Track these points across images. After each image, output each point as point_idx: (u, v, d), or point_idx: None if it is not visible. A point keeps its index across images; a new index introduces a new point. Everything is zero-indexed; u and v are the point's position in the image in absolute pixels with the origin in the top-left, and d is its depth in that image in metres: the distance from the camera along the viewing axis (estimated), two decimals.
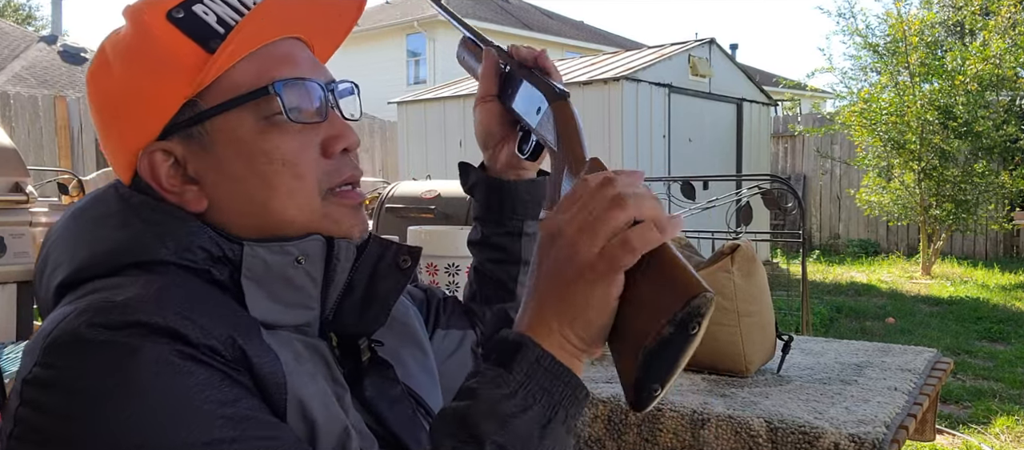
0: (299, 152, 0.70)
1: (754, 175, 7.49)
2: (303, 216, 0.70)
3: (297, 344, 0.69)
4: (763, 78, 15.96)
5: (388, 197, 4.98)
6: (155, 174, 0.69)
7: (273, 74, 0.69)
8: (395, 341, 0.82)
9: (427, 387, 0.83)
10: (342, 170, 0.73)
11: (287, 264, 0.69)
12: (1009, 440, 3.62)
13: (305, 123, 0.70)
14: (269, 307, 0.68)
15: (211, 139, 0.69)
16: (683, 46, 8.79)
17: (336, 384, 0.70)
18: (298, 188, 0.70)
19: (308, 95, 0.71)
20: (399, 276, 0.77)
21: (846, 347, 1.94)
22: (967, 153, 8.54)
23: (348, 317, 0.74)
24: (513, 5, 21.33)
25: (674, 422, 1.44)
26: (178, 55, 0.68)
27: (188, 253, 0.67)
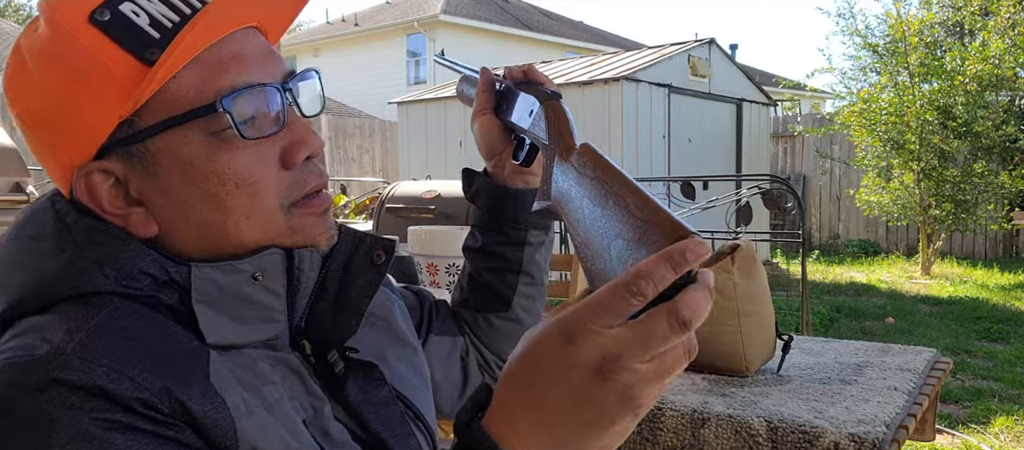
0: (255, 168, 0.62)
1: (754, 175, 7.49)
2: (263, 235, 0.63)
3: (263, 364, 0.63)
4: (763, 78, 15.96)
5: (388, 197, 4.99)
6: (94, 196, 0.62)
7: (219, 83, 0.60)
8: (379, 340, 0.77)
9: (416, 387, 0.78)
10: (306, 180, 0.65)
11: (242, 282, 0.62)
12: (1009, 440, 3.63)
13: (261, 137, 0.62)
14: (227, 328, 0.62)
15: (154, 160, 0.61)
16: (683, 46, 8.80)
17: (312, 397, 0.65)
18: (256, 208, 0.62)
19: (263, 102, 0.62)
20: (373, 274, 0.71)
21: (846, 347, 1.94)
22: (966, 153, 8.54)
23: (322, 322, 0.68)
24: (513, 5, 21.32)
25: (674, 421, 1.44)
26: (107, 68, 0.59)
27: (130, 281, 0.60)
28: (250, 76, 0.62)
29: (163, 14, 0.60)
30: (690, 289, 0.47)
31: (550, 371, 0.47)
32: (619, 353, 0.46)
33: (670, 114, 8.28)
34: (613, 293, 0.46)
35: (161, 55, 0.58)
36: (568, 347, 0.46)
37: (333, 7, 25.48)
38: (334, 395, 0.67)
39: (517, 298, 0.91)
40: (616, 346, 0.46)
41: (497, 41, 18.55)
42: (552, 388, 0.47)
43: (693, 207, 4.96)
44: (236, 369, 0.60)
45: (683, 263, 0.46)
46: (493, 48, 18.00)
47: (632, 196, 0.54)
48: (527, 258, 0.91)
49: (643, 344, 0.46)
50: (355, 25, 19.92)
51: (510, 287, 0.91)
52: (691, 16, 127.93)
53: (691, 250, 0.47)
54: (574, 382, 0.46)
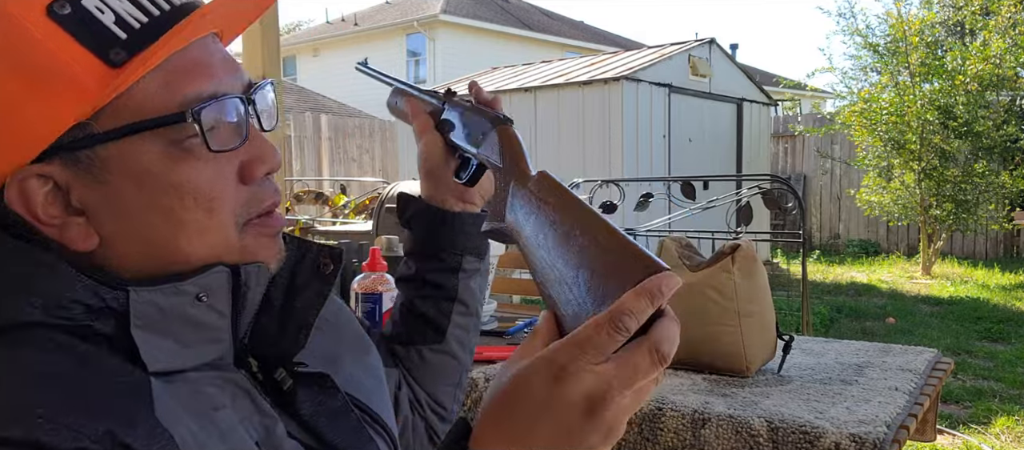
0: (214, 182, 0.59)
1: (754, 175, 7.49)
2: (214, 253, 0.60)
3: (210, 388, 0.59)
4: (763, 78, 15.96)
5: (388, 197, 4.98)
6: (28, 204, 0.56)
7: (185, 90, 0.57)
8: (331, 345, 0.74)
9: (372, 390, 0.75)
10: (262, 197, 0.62)
11: (185, 304, 0.58)
12: (1009, 440, 3.62)
13: (224, 151, 0.59)
14: (170, 353, 0.57)
15: (104, 167, 0.56)
16: (683, 46, 8.79)
17: (263, 416, 0.61)
18: (211, 224, 0.59)
19: (228, 113, 0.59)
20: (319, 285, 0.67)
21: (846, 347, 1.94)
22: (967, 153, 8.54)
23: (267, 337, 0.65)
24: (513, 5, 21.32)
25: (675, 421, 1.44)
26: (66, 66, 0.54)
27: (61, 310, 0.55)
28: (216, 85, 0.59)
29: (129, 13, 0.56)
30: (664, 322, 0.49)
31: (538, 408, 0.48)
32: (607, 389, 0.47)
33: (670, 114, 8.28)
34: (598, 330, 0.47)
35: (128, 57, 0.55)
36: (556, 385, 0.47)
37: (333, 7, 25.52)
38: (286, 410, 0.64)
39: (452, 328, 0.89)
40: (604, 383, 0.47)
41: (497, 41, 18.55)
42: (538, 424, 0.48)
43: (693, 207, 4.96)
44: (182, 397, 0.56)
45: (660, 297, 0.48)
46: (493, 48, 18.00)
47: (600, 227, 0.54)
48: (462, 285, 0.89)
49: (628, 379, 0.47)
50: (355, 25, 19.92)
51: (445, 315, 0.89)
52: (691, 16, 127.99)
53: (666, 284, 0.48)
54: (562, 419, 0.48)
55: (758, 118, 9.61)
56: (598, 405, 0.47)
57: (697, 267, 1.69)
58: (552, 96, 8.39)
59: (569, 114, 8.18)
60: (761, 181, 5.82)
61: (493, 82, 9.50)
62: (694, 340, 1.67)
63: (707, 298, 1.65)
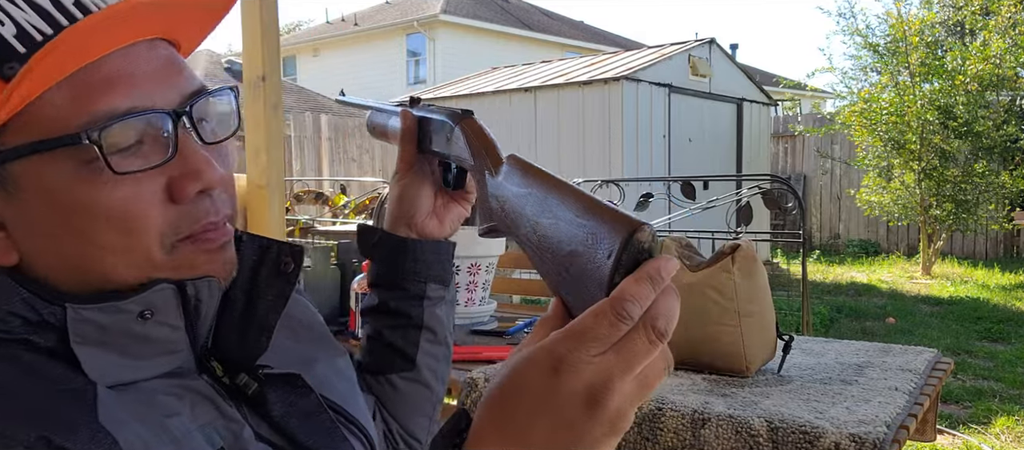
0: (131, 203, 0.55)
1: (754, 175, 7.49)
2: (140, 273, 0.57)
3: (166, 397, 0.57)
4: (763, 78, 15.96)
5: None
6: None
7: (93, 107, 0.53)
8: (303, 347, 0.72)
9: (346, 391, 0.74)
10: (196, 216, 0.58)
11: (129, 321, 0.56)
12: (1009, 440, 3.62)
13: (138, 171, 0.55)
14: (117, 367, 0.55)
15: (16, 185, 0.54)
16: (683, 46, 8.80)
17: (229, 421, 0.59)
18: (130, 245, 0.56)
19: (151, 132, 0.55)
20: (281, 284, 0.66)
21: (846, 347, 1.94)
22: (967, 153, 8.54)
23: (228, 342, 0.63)
24: (513, 5, 21.33)
25: (675, 421, 1.44)
26: None
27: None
28: (134, 99, 0.55)
29: (33, 25, 0.52)
30: (661, 296, 0.46)
31: (537, 401, 0.46)
32: (608, 379, 0.45)
33: (670, 114, 8.27)
34: (599, 320, 0.45)
35: (21, 70, 0.51)
36: (555, 379, 0.45)
37: (333, 7, 25.52)
38: (257, 411, 0.63)
39: (421, 356, 0.88)
40: (605, 373, 0.45)
41: (497, 41, 18.56)
42: (537, 418, 0.46)
43: (693, 207, 4.96)
44: (132, 404, 0.54)
45: (660, 281, 0.45)
46: (493, 48, 18.01)
47: (572, 198, 0.51)
48: (427, 313, 0.87)
49: (628, 366, 0.45)
50: (355, 25, 19.93)
51: (412, 344, 0.87)
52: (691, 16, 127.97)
53: (665, 267, 0.46)
54: (563, 412, 0.45)
55: (758, 118, 9.61)
56: (600, 396, 0.45)
57: (697, 267, 1.69)
58: (552, 96, 8.39)
59: (569, 114, 8.18)
60: (761, 181, 5.82)
61: (493, 82, 9.51)
62: (694, 340, 1.67)
63: (707, 298, 1.65)
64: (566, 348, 0.45)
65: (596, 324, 0.45)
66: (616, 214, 0.48)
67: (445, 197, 0.86)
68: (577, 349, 0.45)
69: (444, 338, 0.90)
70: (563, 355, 0.45)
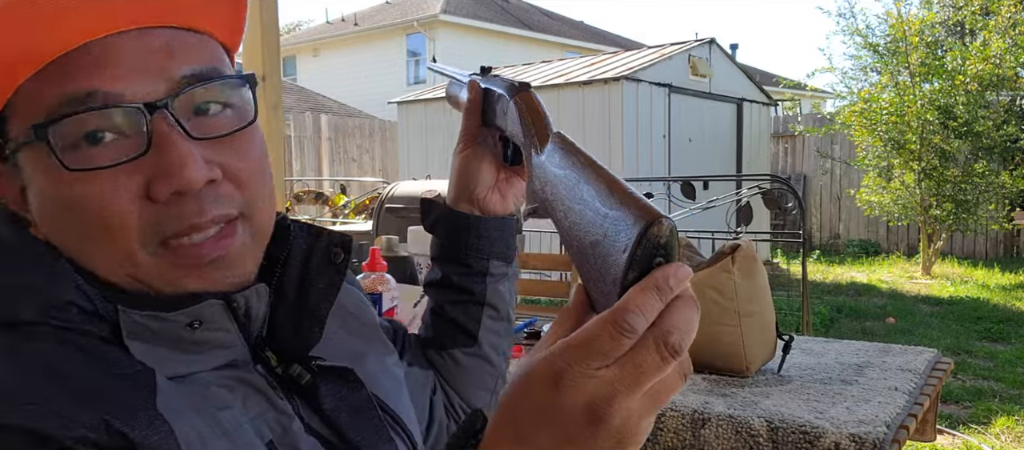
0: (107, 199, 0.53)
1: (754, 175, 7.49)
2: (127, 273, 0.56)
3: (219, 389, 0.57)
4: (763, 78, 15.96)
5: (388, 197, 4.99)
6: (4, 193, 0.57)
7: (49, 99, 0.52)
8: (355, 340, 0.72)
9: (393, 391, 0.73)
10: (178, 217, 0.55)
11: (178, 328, 0.56)
12: (1009, 440, 3.62)
13: (100, 168, 0.53)
14: (170, 361, 0.55)
15: (24, 172, 0.56)
16: (683, 46, 8.79)
17: (280, 414, 0.60)
18: (110, 241, 0.54)
19: (125, 123, 0.53)
20: (332, 274, 0.65)
21: (846, 347, 1.94)
22: (967, 153, 8.54)
23: (283, 332, 0.63)
24: (513, 5, 21.33)
25: (675, 421, 1.44)
26: None
27: (56, 312, 0.53)
28: (106, 88, 0.53)
29: None
30: (672, 308, 0.42)
31: (539, 413, 0.43)
32: (611, 395, 0.42)
33: (670, 114, 8.27)
34: (601, 332, 0.42)
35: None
36: (555, 392, 0.42)
37: (333, 7, 25.48)
38: (309, 403, 0.63)
39: (483, 332, 0.87)
40: (608, 388, 0.42)
41: (497, 41, 18.56)
42: (541, 429, 0.43)
43: (693, 207, 4.96)
44: (188, 394, 0.55)
45: (668, 292, 0.42)
46: (493, 48, 18.00)
47: (602, 183, 0.48)
48: (490, 290, 0.86)
49: (635, 382, 0.42)
50: (355, 25, 19.92)
51: (475, 320, 0.86)
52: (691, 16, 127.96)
53: (674, 276, 0.42)
54: (565, 427, 0.43)
55: (758, 118, 9.61)
56: (603, 412, 0.42)
57: (697, 267, 1.69)
58: (552, 96, 8.39)
59: (569, 114, 8.18)
60: (761, 181, 5.83)
61: None
62: (694, 340, 1.67)
63: (707, 298, 1.65)
64: (566, 361, 0.42)
65: (599, 336, 0.42)
66: (639, 203, 0.44)
67: (507, 172, 0.84)
68: (578, 362, 0.42)
69: (506, 314, 0.89)
70: (563, 369, 0.42)
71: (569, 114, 8.18)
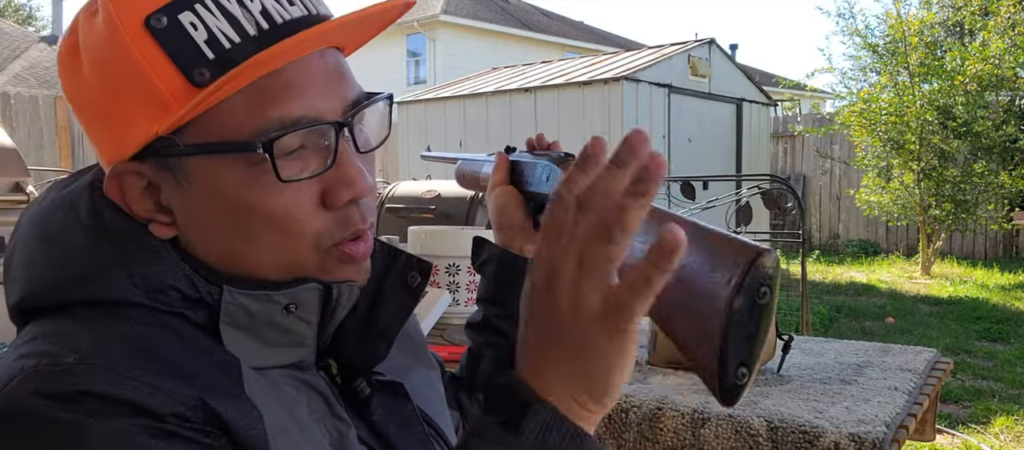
0: (291, 208, 0.58)
1: (754, 175, 7.49)
2: (290, 271, 0.60)
3: (287, 387, 0.61)
4: (763, 78, 15.96)
5: (388, 197, 4.99)
6: (125, 195, 0.59)
7: (268, 112, 0.56)
8: (403, 355, 0.74)
9: (437, 407, 0.75)
10: (347, 223, 0.61)
11: (275, 311, 0.59)
12: (1009, 440, 3.63)
13: (301, 179, 0.58)
14: (253, 351, 0.59)
15: (188, 177, 0.58)
16: (683, 46, 8.80)
17: (338, 420, 0.63)
18: (286, 245, 0.59)
19: (313, 139, 0.58)
20: (405, 297, 0.67)
21: (846, 347, 1.94)
22: (966, 153, 8.55)
23: (348, 342, 0.65)
24: (513, 5, 21.32)
25: (674, 421, 1.44)
26: (152, 82, 0.54)
27: (160, 294, 0.58)
28: (304, 109, 0.57)
29: (223, 31, 0.55)
30: (598, 181, 0.48)
31: (533, 317, 0.50)
32: (551, 266, 0.48)
33: (670, 114, 8.27)
34: (551, 216, 0.49)
35: (211, 79, 0.54)
36: (530, 278, 0.50)
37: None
38: (360, 414, 0.65)
39: None
40: (548, 259, 0.48)
41: (497, 41, 18.55)
42: (541, 331, 0.50)
43: (693, 207, 4.96)
44: (267, 387, 0.58)
45: (595, 165, 0.50)
46: (493, 48, 18.00)
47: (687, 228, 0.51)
48: None
49: (563, 246, 0.47)
50: None
51: None
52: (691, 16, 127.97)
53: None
54: (549, 309, 0.48)
55: (758, 118, 9.61)
56: (549, 279, 0.48)
57: None
58: (552, 96, 8.39)
59: (569, 114, 8.18)
60: (761, 181, 5.83)
61: (493, 82, 9.51)
62: None
63: None
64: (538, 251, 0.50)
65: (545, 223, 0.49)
66: (736, 242, 0.49)
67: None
68: (542, 247, 0.49)
69: None
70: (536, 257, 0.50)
71: (569, 114, 8.18)
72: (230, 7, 0.56)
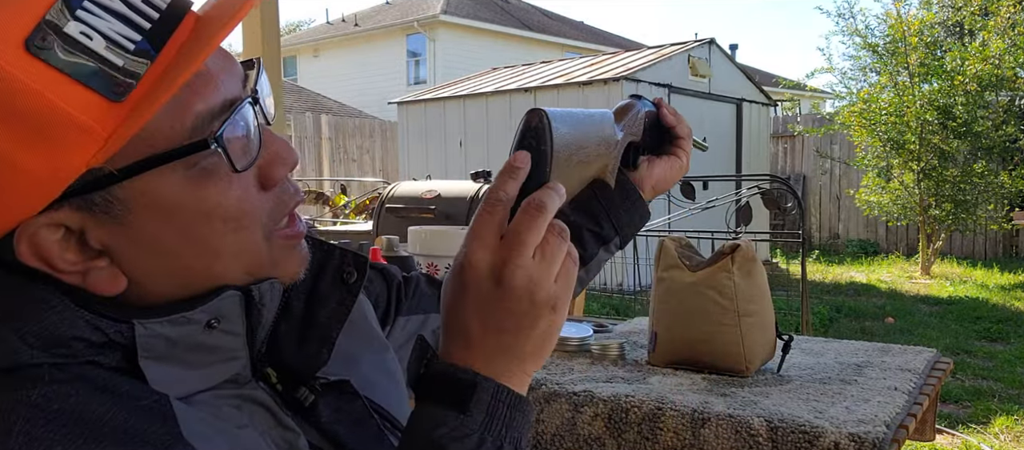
0: (243, 200, 0.54)
1: (754, 175, 7.49)
2: (249, 270, 0.57)
3: (227, 407, 0.56)
4: (763, 78, 15.97)
5: (388, 197, 4.99)
6: (43, 255, 0.51)
7: (195, 106, 0.51)
8: (350, 344, 0.70)
9: (389, 392, 0.72)
10: (285, 200, 0.58)
11: (196, 332, 0.54)
12: (1008, 439, 3.63)
13: (249, 165, 0.54)
14: (180, 379, 0.54)
15: (125, 207, 0.51)
16: (683, 46, 8.80)
17: (285, 430, 0.59)
18: (244, 243, 0.55)
19: (242, 121, 0.53)
20: (343, 294, 0.64)
21: (846, 347, 1.94)
22: (966, 153, 8.55)
23: (285, 347, 0.61)
24: (513, 5, 21.32)
25: (674, 421, 1.44)
26: (62, 111, 0.46)
27: (61, 348, 0.50)
28: (223, 94, 0.53)
29: (120, 33, 0.48)
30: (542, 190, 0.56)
31: (459, 297, 0.54)
32: (504, 258, 0.53)
33: None
34: (477, 219, 0.54)
35: (133, 85, 0.48)
36: (463, 272, 0.54)
37: (333, 7, 25.44)
38: (306, 419, 0.62)
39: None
40: (498, 254, 0.53)
41: (497, 41, 18.56)
42: (472, 322, 0.54)
43: (693, 207, 4.96)
44: (207, 417, 0.53)
45: (516, 172, 0.56)
46: (493, 48, 18.01)
47: None
48: (597, 259, 0.84)
49: (518, 242, 0.53)
50: (355, 25, 19.92)
51: None
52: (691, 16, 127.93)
53: (517, 162, 0.57)
54: (481, 296, 0.53)
55: (757, 118, 9.62)
56: (502, 274, 0.53)
57: (697, 267, 1.70)
58: (552, 96, 8.40)
59: None
60: (760, 181, 5.83)
61: (493, 82, 9.51)
62: (694, 340, 1.67)
63: (707, 298, 1.65)
64: (462, 249, 0.55)
65: (477, 223, 0.54)
66: None
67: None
68: (471, 243, 0.54)
69: (582, 285, 0.90)
70: (461, 256, 0.55)
71: None
72: (111, 3, 0.48)
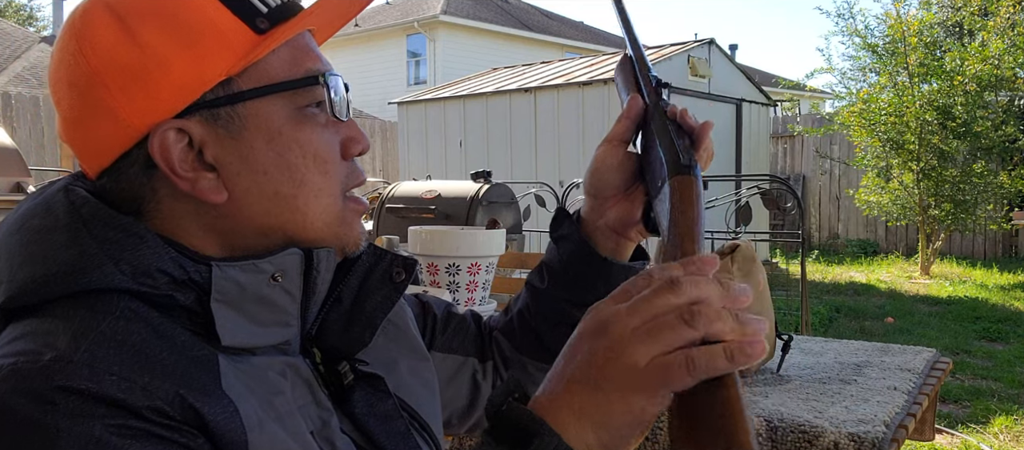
0: (330, 148, 0.65)
1: (753, 175, 7.50)
2: (324, 218, 0.65)
3: (272, 373, 0.62)
4: (762, 78, 15.97)
5: (388, 197, 4.99)
6: (166, 156, 0.60)
7: (307, 64, 0.64)
8: (390, 347, 0.76)
9: (423, 398, 0.76)
10: (356, 173, 0.68)
11: (262, 283, 0.61)
12: (1008, 439, 3.63)
13: (338, 120, 0.65)
14: (243, 330, 0.61)
15: (242, 124, 0.61)
16: (682, 46, 8.80)
17: (320, 408, 0.65)
18: (325, 187, 0.64)
19: (338, 90, 0.66)
20: (390, 290, 0.70)
21: (845, 347, 1.95)
22: (966, 153, 8.55)
23: (332, 332, 0.68)
24: (513, 5, 21.32)
25: None
26: (220, 29, 0.60)
27: (147, 278, 0.58)
28: (322, 68, 0.65)
29: None
30: (693, 281, 0.52)
31: (574, 352, 0.54)
32: (610, 316, 0.52)
33: None
34: (630, 284, 0.54)
35: (270, 27, 0.62)
36: (583, 324, 0.55)
37: None
38: (340, 407, 0.67)
39: None
40: (609, 311, 0.53)
41: (497, 41, 18.55)
42: (579, 364, 0.53)
43: None
44: (247, 378, 0.59)
45: (681, 268, 0.53)
46: (493, 48, 18.00)
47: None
48: None
49: (631, 306, 0.52)
50: (355, 25, 19.91)
51: (559, 343, 0.86)
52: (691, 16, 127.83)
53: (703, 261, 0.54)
54: (595, 349, 0.52)
55: (757, 118, 9.62)
56: (602, 329, 0.52)
57: None
58: (552, 96, 8.40)
59: (569, 114, 8.19)
60: (760, 181, 5.83)
61: (493, 82, 9.51)
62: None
63: None
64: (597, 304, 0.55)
65: (625, 287, 0.54)
66: (739, 423, 0.50)
67: (636, 197, 0.81)
68: (605, 303, 0.54)
69: None
70: (592, 310, 0.55)
71: (569, 114, 8.19)
72: None
